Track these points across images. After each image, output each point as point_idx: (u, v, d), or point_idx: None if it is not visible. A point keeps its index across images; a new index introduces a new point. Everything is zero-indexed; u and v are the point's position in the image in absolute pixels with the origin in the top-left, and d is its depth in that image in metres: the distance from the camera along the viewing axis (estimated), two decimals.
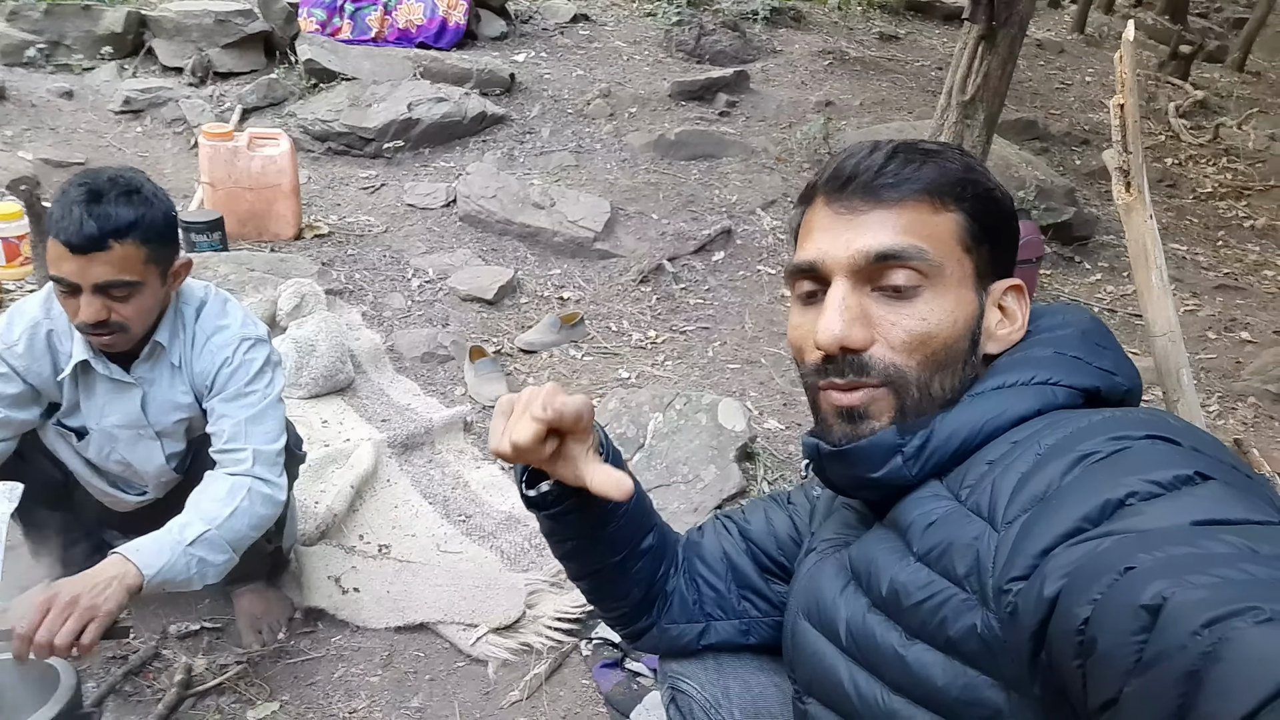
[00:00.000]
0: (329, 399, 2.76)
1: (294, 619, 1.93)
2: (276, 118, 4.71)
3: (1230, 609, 0.50)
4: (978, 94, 4.39)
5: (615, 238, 3.88)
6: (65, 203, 1.39)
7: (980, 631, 0.68)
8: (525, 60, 5.72)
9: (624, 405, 2.54)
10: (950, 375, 0.80)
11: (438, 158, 4.60)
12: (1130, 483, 0.63)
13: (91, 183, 1.41)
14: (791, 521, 1.07)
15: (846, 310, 0.79)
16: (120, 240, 1.41)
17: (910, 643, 0.74)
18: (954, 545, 0.71)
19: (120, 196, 1.41)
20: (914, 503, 0.78)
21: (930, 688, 0.72)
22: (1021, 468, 0.71)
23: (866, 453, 0.79)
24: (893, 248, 0.78)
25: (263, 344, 1.64)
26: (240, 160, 3.59)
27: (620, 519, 0.97)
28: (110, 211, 1.39)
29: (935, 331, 0.79)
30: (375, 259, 3.60)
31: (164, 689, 1.71)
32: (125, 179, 1.45)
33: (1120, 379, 0.81)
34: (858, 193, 0.81)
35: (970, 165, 0.83)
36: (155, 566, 1.40)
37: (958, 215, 0.81)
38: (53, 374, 1.57)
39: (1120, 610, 0.55)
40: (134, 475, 1.73)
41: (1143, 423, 0.70)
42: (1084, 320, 0.85)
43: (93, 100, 4.70)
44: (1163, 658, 0.52)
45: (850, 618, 0.81)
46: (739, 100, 5.58)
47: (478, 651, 1.88)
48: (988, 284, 0.83)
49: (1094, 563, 0.59)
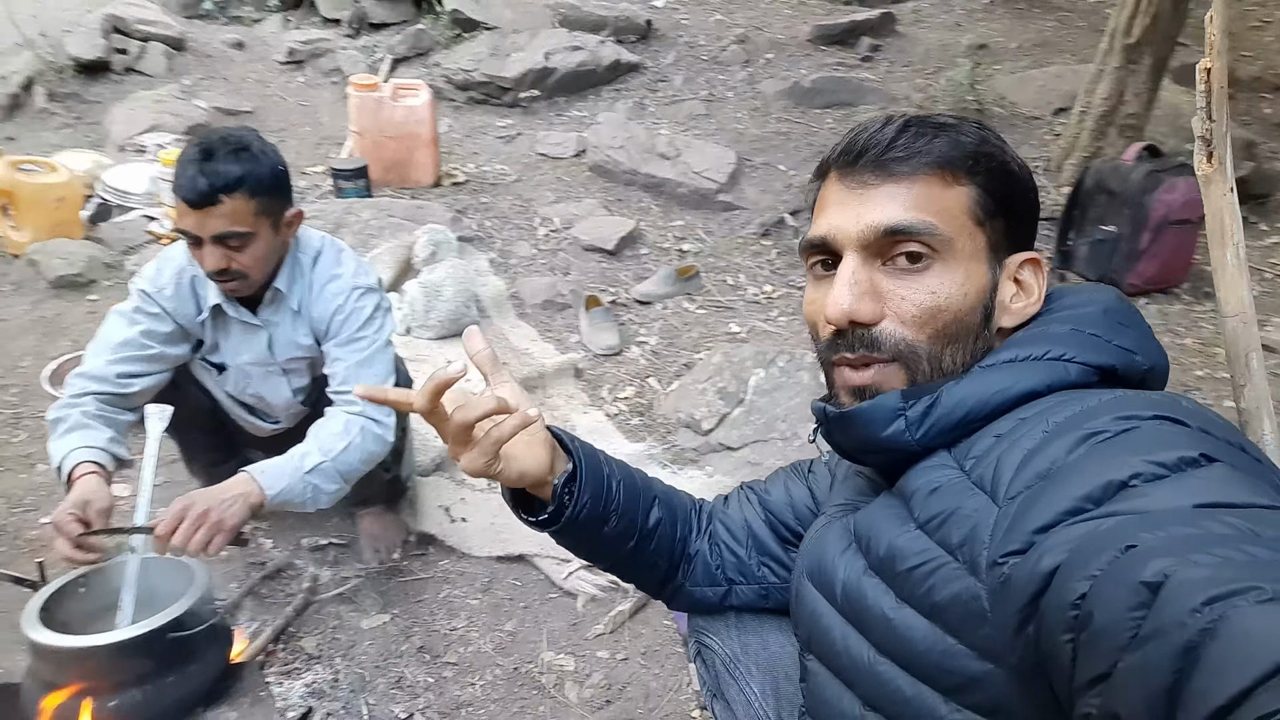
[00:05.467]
0: (454, 341, 2.94)
1: (408, 541, 2.12)
2: (423, 67, 4.92)
3: (1232, 588, 0.50)
4: (1145, 36, 4.05)
5: (739, 189, 3.86)
6: (183, 162, 1.55)
7: (964, 600, 0.69)
8: (664, 5, 5.69)
9: (727, 360, 2.58)
10: (961, 349, 0.81)
11: (572, 106, 4.69)
12: (1134, 464, 0.63)
13: (205, 142, 1.57)
14: (810, 492, 1.09)
15: (856, 285, 0.80)
16: (230, 194, 1.55)
17: (899, 606, 0.76)
18: (953, 515, 0.72)
19: (229, 154, 1.56)
20: (920, 471, 0.78)
21: (912, 651, 0.74)
22: (1027, 444, 0.71)
23: (869, 414, 0.80)
24: (901, 222, 0.79)
25: (373, 292, 1.79)
26: (384, 110, 3.80)
27: (615, 517, 1.01)
28: (220, 169, 1.54)
29: (945, 305, 0.79)
30: (506, 207, 3.75)
31: (293, 594, 1.93)
32: (235, 137, 1.59)
33: (1140, 358, 0.79)
34: (868, 167, 0.81)
35: (985, 138, 0.82)
36: (276, 489, 1.58)
37: (970, 189, 0.80)
38: (196, 315, 1.77)
39: (1120, 586, 0.55)
40: (267, 407, 1.94)
41: (1152, 403, 0.69)
42: (1108, 299, 0.83)
43: (260, 51, 5.06)
44: (1160, 633, 0.52)
45: (846, 578, 0.83)
46: (883, 44, 5.36)
47: (569, 585, 2.00)
48: (1003, 257, 0.83)
49: (1095, 540, 0.59)
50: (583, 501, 0.97)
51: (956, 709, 0.72)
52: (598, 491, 0.99)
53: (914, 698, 0.74)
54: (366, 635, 1.86)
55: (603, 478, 1.00)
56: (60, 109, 4.33)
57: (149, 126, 4.11)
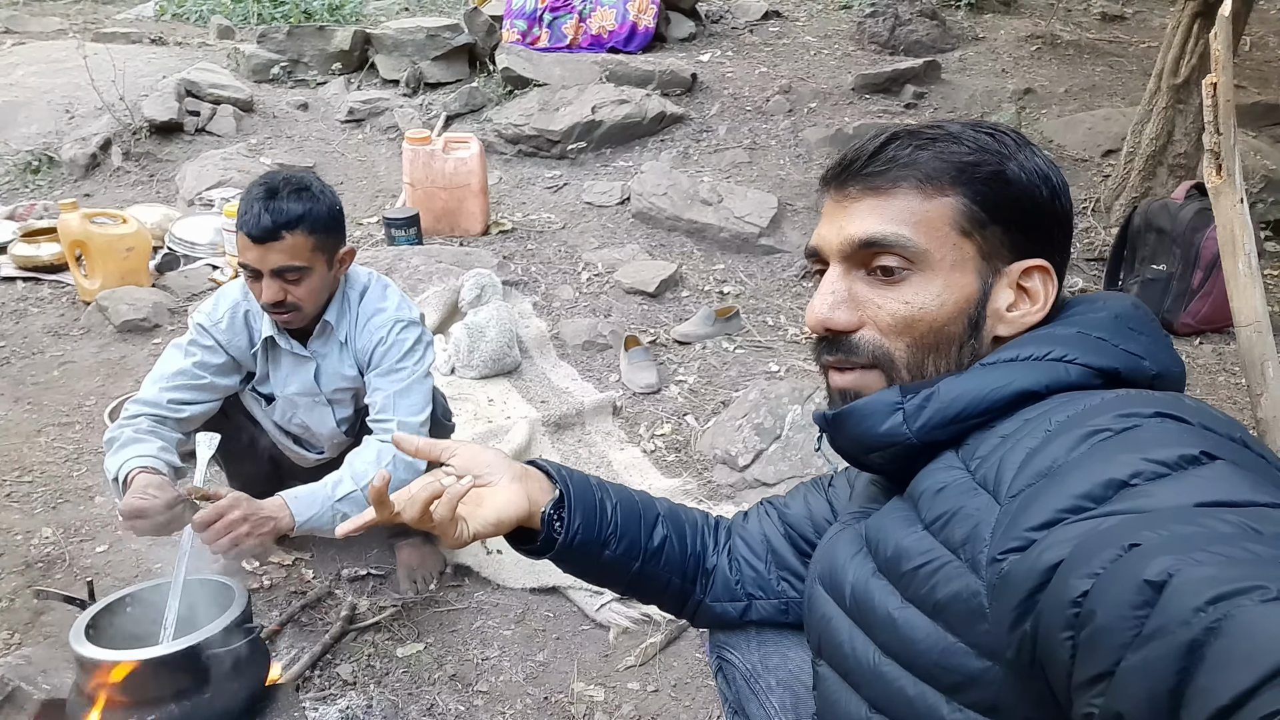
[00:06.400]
0: (496, 380, 3.01)
1: (444, 573, 2.15)
2: (475, 123, 5.10)
3: (1236, 587, 0.50)
4: (1192, 76, 4.01)
5: (781, 233, 3.90)
6: (248, 200, 1.66)
7: (964, 597, 0.69)
8: (710, 60, 5.83)
9: (763, 396, 2.59)
10: (943, 358, 0.82)
11: (618, 157, 4.80)
12: (1136, 462, 0.63)
13: (269, 182, 1.67)
14: (829, 505, 1.09)
15: (833, 294, 0.84)
16: (291, 231, 1.65)
17: (904, 606, 0.76)
18: (957, 515, 0.72)
19: (291, 194, 1.66)
20: (928, 473, 0.79)
21: (914, 650, 0.74)
22: (1030, 443, 0.71)
23: (865, 410, 0.82)
24: (875, 235, 0.82)
25: (414, 325, 1.86)
26: (436, 162, 3.95)
27: (614, 540, 1.04)
28: (283, 207, 1.64)
29: (920, 315, 0.81)
30: (551, 253, 3.84)
31: (332, 622, 1.97)
32: (297, 179, 1.70)
33: (1148, 363, 0.78)
34: (851, 180, 0.85)
35: (982, 147, 0.82)
36: (305, 515, 1.66)
37: (954, 200, 0.81)
38: (248, 347, 1.86)
39: (1123, 584, 0.55)
40: (312, 437, 2.01)
41: (1155, 401, 0.69)
42: (1122, 305, 0.83)
43: (323, 111, 5.30)
44: (1164, 631, 0.51)
45: (855, 581, 0.83)
46: (928, 91, 5.39)
47: (601, 617, 2.01)
48: (1000, 265, 0.83)
49: (1097, 538, 0.59)
50: (574, 526, 1.00)
51: (958, 709, 0.71)
52: (590, 515, 1.02)
53: (917, 698, 0.74)
54: (401, 663, 1.88)
55: (594, 502, 1.03)
56: (135, 167, 4.59)
57: (216, 182, 4.32)
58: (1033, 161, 0.84)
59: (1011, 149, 0.84)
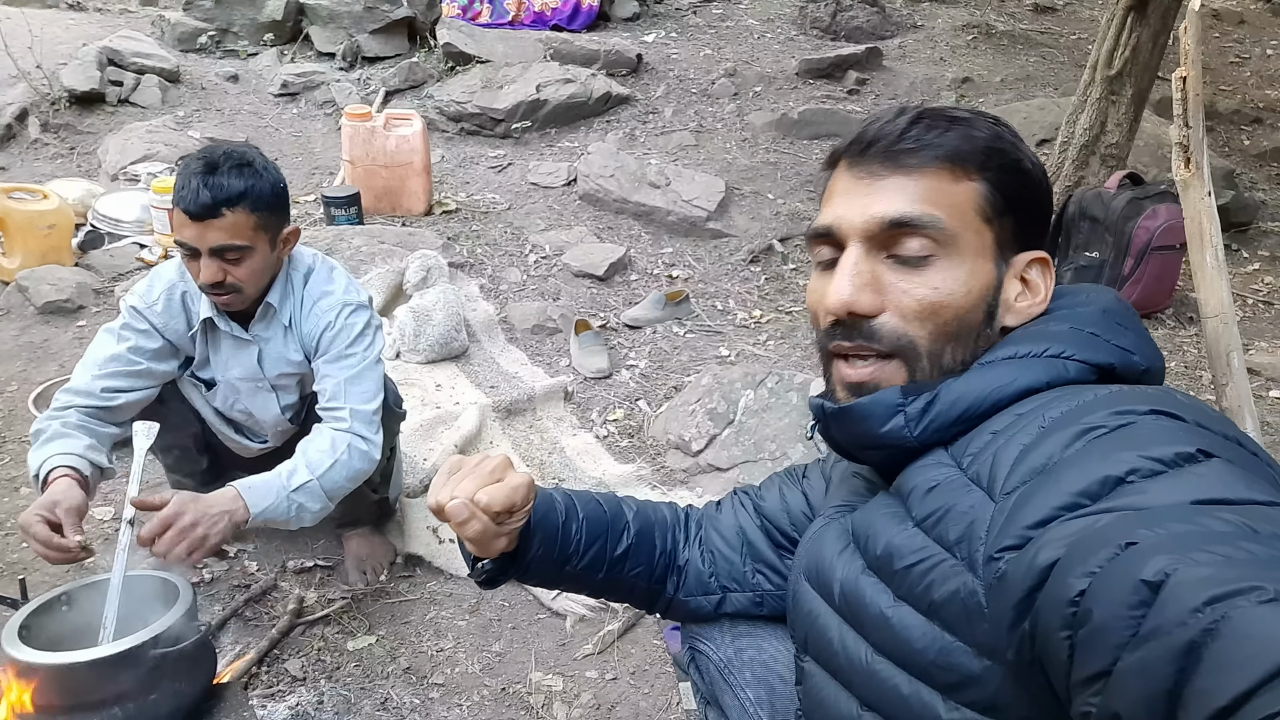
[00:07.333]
0: (444, 365, 2.94)
1: (395, 563, 2.10)
2: (416, 99, 4.98)
3: (1233, 587, 0.50)
4: (1125, 68, 4.12)
5: (728, 217, 3.90)
6: (185, 174, 1.57)
7: (962, 597, 0.68)
8: (654, 40, 5.79)
9: (716, 381, 2.59)
10: (962, 347, 0.80)
11: (563, 138, 4.74)
12: (1132, 459, 0.63)
13: (208, 156, 1.59)
14: (805, 497, 1.08)
15: (857, 275, 0.79)
16: (232, 208, 1.57)
17: (897, 605, 0.75)
18: (950, 512, 0.72)
19: (233, 169, 1.57)
20: (918, 469, 0.78)
21: (909, 650, 0.73)
22: (1024, 440, 0.70)
23: (868, 409, 0.79)
24: (907, 215, 0.78)
25: (363, 309, 1.79)
26: (377, 139, 3.83)
27: (577, 557, 1.03)
28: (223, 182, 1.56)
29: (947, 301, 0.78)
30: (497, 235, 3.77)
31: (278, 616, 1.90)
32: (238, 153, 1.61)
33: (1138, 358, 0.79)
34: (877, 157, 0.81)
35: (999, 134, 0.81)
36: (260, 507, 1.57)
37: (979, 185, 0.80)
38: (186, 330, 1.77)
39: (1120, 584, 0.54)
40: (255, 424, 1.93)
41: (1148, 398, 0.69)
42: (1107, 299, 0.83)
43: (255, 84, 5.11)
44: (1161, 632, 0.51)
45: (844, 578, 0.82)
46: (869, 78, 5.45)
47: (557, 605, 1.99)
48: (1010, 256, 0.82)
49: (1093, 537, 0.59)
50: (534, 550, 0.99)
51: (954, 707, 0.71)
52: (550, 536, 1.01)
53: (911, 696, 0.74)
54: (352, 657, 1.83)
55: (556, 527, 1.01)
56: (54, 139, 4.36)
57: (142, 156, 4.13)
58: (1032, 154, 0.84)
59: (1016, 139, 0.83)
